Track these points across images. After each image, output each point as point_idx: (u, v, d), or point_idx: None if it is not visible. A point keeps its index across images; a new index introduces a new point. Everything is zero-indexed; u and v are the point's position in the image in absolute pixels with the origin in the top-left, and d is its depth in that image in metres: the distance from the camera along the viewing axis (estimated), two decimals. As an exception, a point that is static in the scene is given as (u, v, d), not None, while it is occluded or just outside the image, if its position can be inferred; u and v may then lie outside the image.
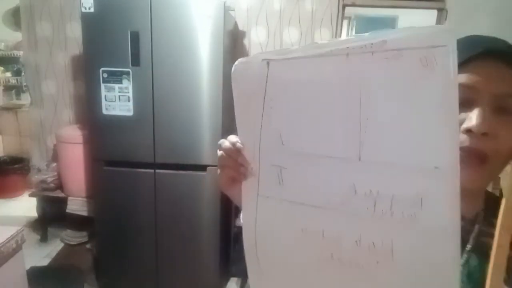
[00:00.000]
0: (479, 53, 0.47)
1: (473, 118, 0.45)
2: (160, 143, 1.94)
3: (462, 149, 0.45)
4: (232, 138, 0.51)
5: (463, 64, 0.47)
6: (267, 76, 0.45)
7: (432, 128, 0.35)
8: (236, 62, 0.48)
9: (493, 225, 0.53)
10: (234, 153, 0.50)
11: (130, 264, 2.13)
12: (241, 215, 0.59)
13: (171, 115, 1.91)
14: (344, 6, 2.51)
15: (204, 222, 2.03)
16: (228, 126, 1.98)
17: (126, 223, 2.07)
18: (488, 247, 0.51)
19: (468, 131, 0.46)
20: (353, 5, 2.57)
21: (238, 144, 0.49)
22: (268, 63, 0.44)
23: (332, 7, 2.48)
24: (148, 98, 1.90)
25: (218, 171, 0.54)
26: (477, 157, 0.46)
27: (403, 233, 0.38)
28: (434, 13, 2.62)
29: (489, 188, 0.59)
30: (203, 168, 1.94)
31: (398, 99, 0.36)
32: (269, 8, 2.51)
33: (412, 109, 0.36)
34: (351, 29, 4.94)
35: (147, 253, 2.08)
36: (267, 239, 0.50)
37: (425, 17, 3.11)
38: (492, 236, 0.52)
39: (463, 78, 0.47)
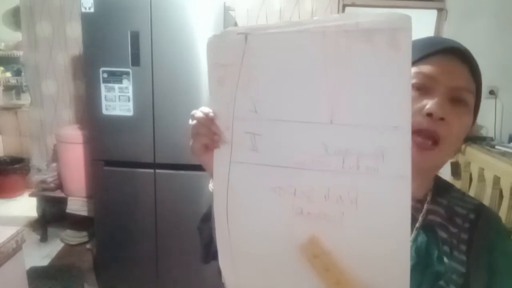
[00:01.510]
0: (441, 49, 0.53)
1: (433, 104, 0.51)
2: (160, 143, 1.94)
3: (421, 130, 0.52)
4: (204, 108, 0.54)
5: (426, 58, 0.54)
6: (244, 49, 0.48)
7: (392, 95, 0.42)
8: (211, 35, 0.50)
9: (438, 204, 0.59)
10: (207, 121, 0.52)
11: (130, 264, 2.13)
12: (210, 184, 0.62)
13: (171, 115, 1.91)
14: (344, 6, 2.51)
15: (204, 222, 2.03)
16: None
17: (126, 223, 2.07)
18: (434, 224, 0.57)
19: (429, 114, 0.51)
20: (353, 5, 2.58)
21: (211, 114, 0.52)
22: (246, 37, 0.47)
23: (332, 7, 2.49)
24: (148, 98, 1.90)
25: (191, 141, 0.56)
26: (433, 139, 0.52)
27: (367, 184, 0.44)
28: (434, 13, 2.62)
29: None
30: (203, 168, 1.94)
31: (366, 71, 0.43)
32: (269, 8, 2.51)
33: (377, 80, 0.42)
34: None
35: (147, 253, 2.09)
36: (239, 205, 0.52)
37: (425, 17, 3.11)
38: (437, 214, 0.58)
39: (426, 68, 0.53)
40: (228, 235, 0.54)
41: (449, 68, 0.53)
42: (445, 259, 0.54)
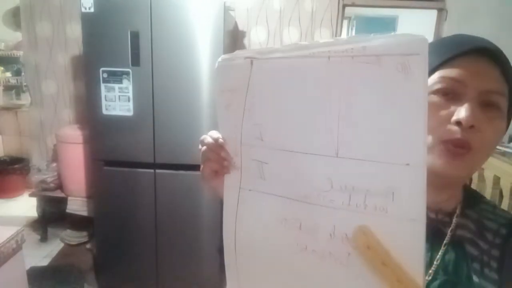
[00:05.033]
0: (467, 50, 0.49)
1: (462, 111, 0.48)
2: (160, 143, 1.94)
3: (451, 140, 0.48)
4: (214, 133, 0.52)
5: (452, 60, 0.50)
6: (250, 74, 0.46)
7: (404, 128, 0.38)
8: (220, 59, 0.49)
9: (468, 217, 0.55)
10: (216, 147, 0.51)
11: (130, 264, 2.13)
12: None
13: (171, 115, 1.91)
14: (344, 6, 2.51)
15: (204, 222, 2.03)
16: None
17: (126, 223, 2.07)
18: (463, 240, 0.53)
19: (458, 123, 0.48)
20: (353, 5, 2.57)
21: (220, 140, 0.51)
22: (251, 62, 0.46)
23: (332, 7, 2.49)
24: (148, 98, 1.90)
25: (201, 166, 0.55)
26: (463, 148, 0.49)
27: (375, 225, 0.40)
28: (434, 13, 2.62)
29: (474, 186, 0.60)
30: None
31: (375, 101, 0.39)
32: (269, 8, 2.51)
33: (386, 111, 0.38)
34: (351, 29, 4.94)
35: (147, 253, 2.08)
36: (246, 231, 0.51)
37: (425, 17, 3.11)
38: (467, 229, 0.54)
39: (453, 72, 0.49)
40: (235, 261, 0.53)
41: (479, 70, 0.49)
42: (475, 278, 0.51)
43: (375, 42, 0.38)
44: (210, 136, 0.52)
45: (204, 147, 0.53)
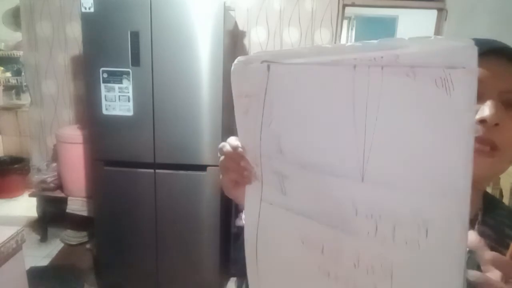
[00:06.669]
0: (485, 51, 0.48)
1: (486, 109, 0.46)
2: (160, 143, 1.94)
3: (475, 138, 0.47)
4: (233, 141, 0.49)
5: None
6: (267, 79, 0.42)
7: (445, 153, 0.32)
8: (236, 61, 0.45)
9: (487, 225, 0.53)
10: (236, 156, 0.48)
11: (130, 264, 2.13)
12: (243, 215, 0.58)
13: (171, 115, 1.91)
14: (344, 6, 2.51)
15: (204, 222, 2.03)
16: (228, 126, 1.98)
17: (126, 223, 2.07)
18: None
19: (482, 121, 0.47)
20: (353, 5, 2.57)
21: (240, 149, 0.48)
22: (268, 66, 0.42)
23: (332, 7, 2.49)
24: (148, 98, 1.90)
25: (221, 175, 0.53)
26: (488, 146, 0.47)
27: (405, 259, 0.35)
28: (434, 13, 2.62)
29: (489, 189, 0.59)
30: (203, 168, 1.94)
31: (409, 119, 0.33)
32: (269, 8, 2.51)
33: (423, 131, 0.33)
34: (351, 29, 4.94)
35: (147, 253, 2.09)
36: (267, 246, 0.49)
37: (425, 17, 3.11)
38: (487, 237, 0.51)
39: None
40: (257, 273, 0.50)
41: (498, 70, 0.48)
42: None
43: (410, 50, 0.32)
44: (229, 143, 0.49)
45: (223, 157, 0.50)
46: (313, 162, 0.40)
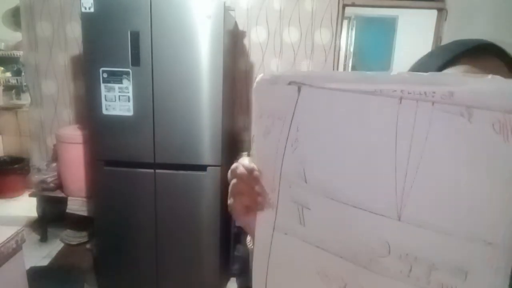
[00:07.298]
0: (471, 48, 0.49)
1: None
2: (160, 143, 1.94)
3: None
4: (247, 163, 0.45)
5: (457, 58, 0.49)
6: (296, 103, 0.40)
7: (493, 200, 0.30)
8: (258, 79, 0.43)
9: None
10: (250, 180, 0.45)
11: (130, 264, 2.13)
12: (248, 239, 0.55)
13: (171, 115, 1.91)
14: (344, 6, 2.51)
15: (204, 222, 2.03)
16: (228, 126, 1.98)
17: (126, 223, 2.07)
18: None
19: None
20: (353, 5, 2.57)
21: (256, 173, 0.45)
22: (299, 88, 0.39)
23: (332, 7, 2.49)
24: (148, 98, 1.90)
25: (230, 199, 0.48)
26: None
27: None
28: (434, 13, 2.62)
29: None
30: (203, 168, 1.94)
31: (458, 161, 0.31)
32: (269, 8, 2.51)
33: (472, 176, 0.31)
34: (351, 29, 4.94)
35: (147, 253, 2.09)
36: (279, 276, 0.46)
37: (425, 17, 3.11)
38: None
39: (459, 69, 0.49)
40: None
41: (486, 66, 0.48)
42: None
43: (467, 87, 0.30)
44: (244, 166, 0.45)
45: (235, 180, 0.46)
46: (342, 195, 0.38)
